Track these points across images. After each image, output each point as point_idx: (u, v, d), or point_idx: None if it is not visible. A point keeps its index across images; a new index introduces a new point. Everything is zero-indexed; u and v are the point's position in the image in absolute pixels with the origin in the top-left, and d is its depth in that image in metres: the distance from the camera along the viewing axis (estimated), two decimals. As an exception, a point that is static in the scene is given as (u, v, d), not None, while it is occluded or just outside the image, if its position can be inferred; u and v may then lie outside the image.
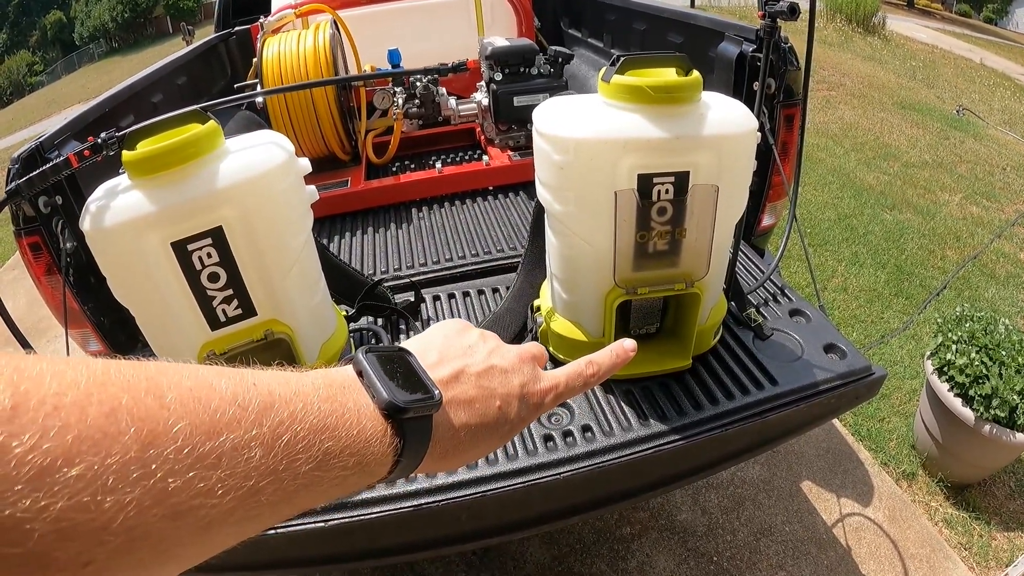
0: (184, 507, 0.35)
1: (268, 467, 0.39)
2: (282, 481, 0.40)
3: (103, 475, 0.31)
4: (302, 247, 1.57)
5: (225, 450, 0.37)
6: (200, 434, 0.36)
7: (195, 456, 0.35)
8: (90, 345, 2.04)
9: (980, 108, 9.00)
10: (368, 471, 0.48)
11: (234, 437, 0.38)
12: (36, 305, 4.41)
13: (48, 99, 28.36)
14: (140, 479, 0.33)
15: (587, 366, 0.68)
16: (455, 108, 3.22)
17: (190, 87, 3.10)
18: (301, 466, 0.42)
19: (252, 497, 0.38)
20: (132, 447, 0.33)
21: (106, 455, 0.32)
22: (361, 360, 0.52)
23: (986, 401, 2.43)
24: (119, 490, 0.32)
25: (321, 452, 0.43)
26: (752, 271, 2.12)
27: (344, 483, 0.46)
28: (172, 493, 0.34)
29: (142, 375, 0.37)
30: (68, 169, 1.54)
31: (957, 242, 4.87)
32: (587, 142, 1.39)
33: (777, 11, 1.66)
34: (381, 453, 0.48)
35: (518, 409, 0.61)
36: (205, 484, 0.36)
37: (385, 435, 0.48)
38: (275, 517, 0.42)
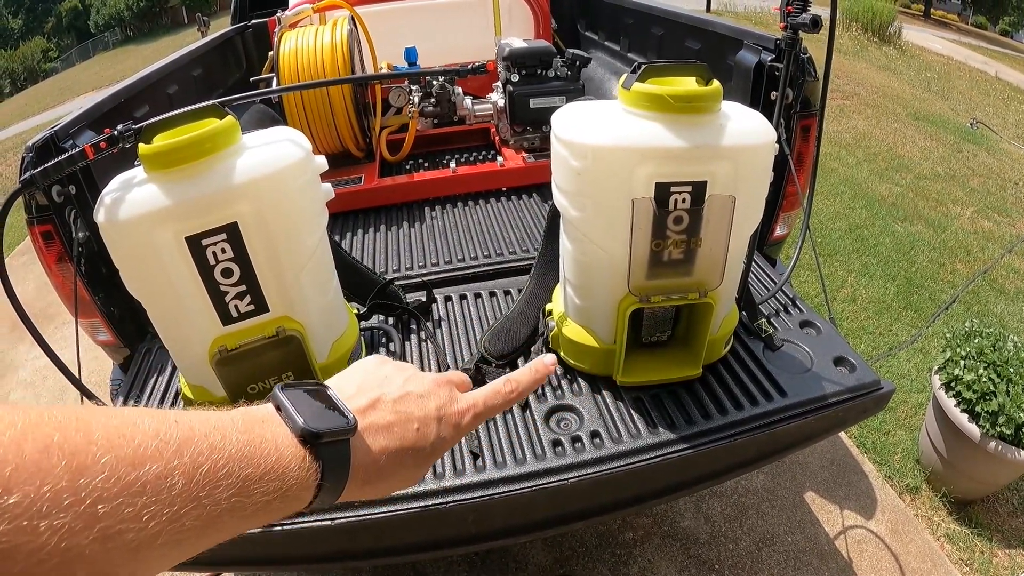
0: (113, 531, 0.38)
1: (190, 494, 0.42)
2: (204, 507, 0.43)
3: (38, 502, 0.35)
4: (316, 245, 1.57)
5: (149, 479, 0.40)
6: (125, 465, 0.39)
7: (121, 485, 0.39)
8: (99, 335, 2.04)
9: (994, 121, 8.97)
10: (291, 496, 0.50)
11: (156, 467, 0.41)
12: (45, 291, 4.43)
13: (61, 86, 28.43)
14: (71, 505, 0.36)
15: (505, 384, 0.71)
16: (471, 108, 3.22)
17: (205, 79, 3.10)
18: (222, 493, 0.44)
19: (176, 522, 0.41)
20: (64, 477, 0.36)
21: (41, 484, 0.35)
22: (278, 394, 0.55)
23: (992, 418, 2.42)
24: (53, 515, 0.35)
25: (241, 479, 0.46)
26: (764, 281, 2.11)
27: (268, 508, 0.48)
28: (101, 518, 0.37)
29: (72, 416, 0.40)
30: (84, 160, 1.54)
31: (968, 256, 4.85)
32: (606, 149, 1.39)
33: (799, 23, 1.66)
34: (301, 479, 0.51)
35: (437, 430, 0.64)
36: (132, 510, 0.39)
37: (304, 461, 0.51)
38: (202, 541, 0.44)
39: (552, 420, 1.62)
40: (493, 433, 1.58)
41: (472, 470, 1.49)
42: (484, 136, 3.47)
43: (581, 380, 1.73)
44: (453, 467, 1.49)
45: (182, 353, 1.59)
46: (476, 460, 1.51)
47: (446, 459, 1.51)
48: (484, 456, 1.51)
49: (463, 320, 2.02)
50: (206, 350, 1.49)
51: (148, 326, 2.04)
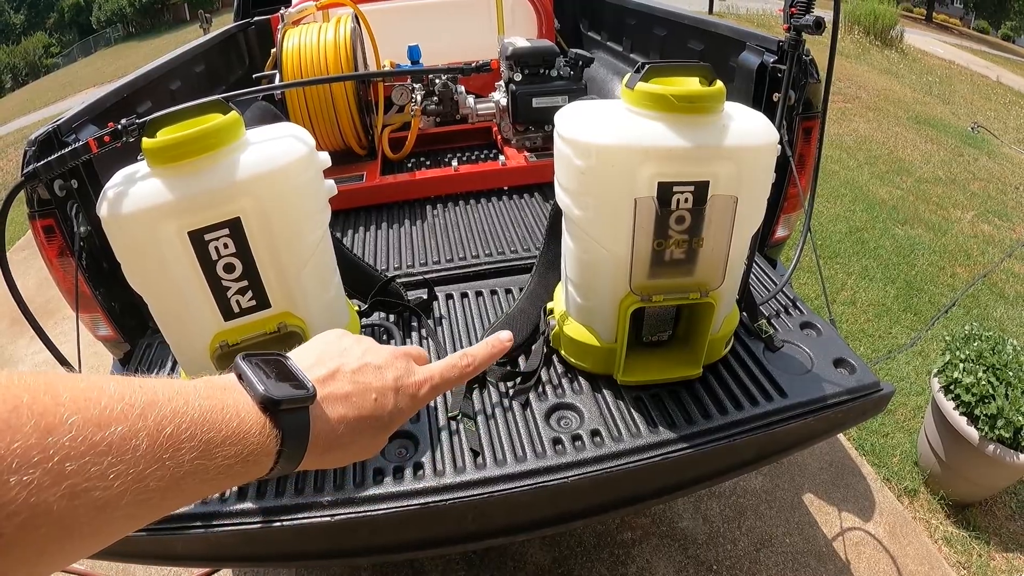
0: (79, 488, 0.39)
1: (154, 455, 0.44)
2: (167, 468, 0.45)
3: (8, 458, 0.36)
4: (319, 241, 1.58)
5: (114, 439, 0.42)
6: (91, 425, 0.41)
7: (87, 444, 0.40)
8: (100, 329, 2.05)
9: (995, 126, 8.97)
10: (252, 461, 0.52)
11: (122, 428, 0.42)
12: (45, 286, 4.43)
13: (63, 81, 28.42)
14: (40, 462, 0.38)
15: (461, 358, 0.73)
16: (473, 107, 3.22)
17: (208, 75, 3.11)
18: (185, 455, 0.46)
19: (140, 482, 0.43)
20: (32, 435, 0.38)
21: (11, 442, 0.37)
22: (240, 363, 0.57)
23: (991, 421, 2.42)
24: (22, 470, 0.37)
25: (203, 443, 0.48)
26: (764, 282, 2.12)
27: (229, 472, 0.50)
28: (68, 475, 0.39)
29: (41, 380, 0.41)
30: (87, 154, 1.54)
31: (968, 260, 4.86)
32: (609, 148, 1.39)
33: (802, 25, 1.67)
34: (261, 444, 0.52)
35: (395, 401, 0.65)
36: (98, 468, 0.40)
37: (264, 427, 0.53)
38: (165, 503, 0.46)
39: (553, 418, 1.62)
40: (493, 431, 1.58)
41: (472, 468, 1.49)
42: (486, 135, 3.47)
43: (582, 379, 1.73)
44: (453, 465, 1.49)
45: (183, 348, 1.60)
46: (476, 458, 1.51)
47: (446, 457, 1.52)
48: (484, 454, 1.52)
49: (464, 318, 2.02)
50: (207, 345, 1.50)
51: (149, 321, 2.05)
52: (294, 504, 1.42)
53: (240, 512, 1.41)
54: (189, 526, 1.40)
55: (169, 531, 1.40)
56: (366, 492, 1.43)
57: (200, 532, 1.40)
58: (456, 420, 1.62)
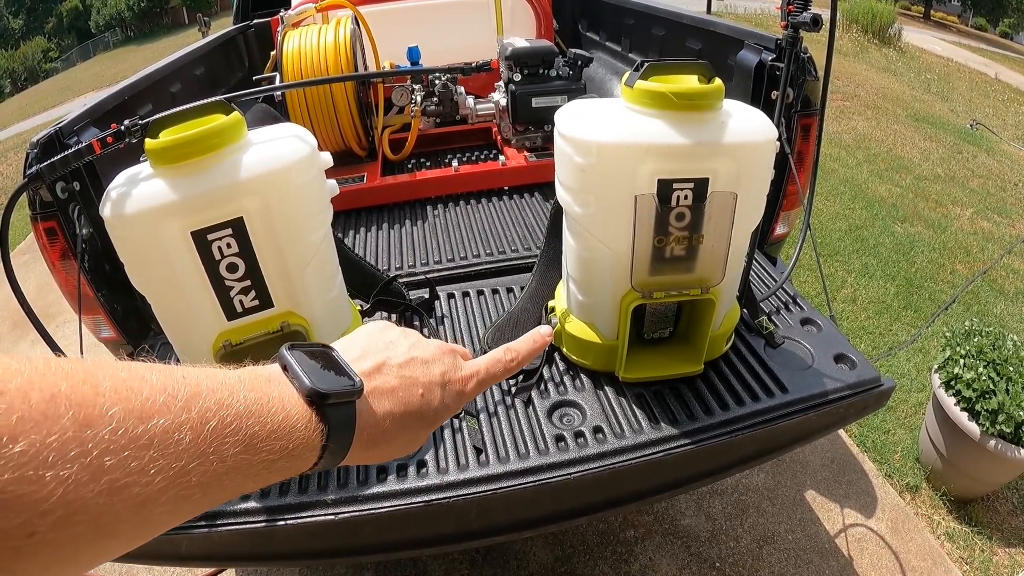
0: (119, 484, 0.38)
1: (197, 449, 0.42)
2: (211, 463, 0.43)
3: (44, 452, 0.34)
4: (321, 241, 1.58)
5: (156, 432, 0.40)
6: (133, 418, 0.39)
7: (128, 437, 0.38)
8: (102, 331, 2.05)
9: (994, 123, 8.98)
10: (295, 456, 0.50)
11: (164, 421, 0.41)
12: (46, 290, 4.43)
13: (62, 85, 28.40)
14: (78, 456, 0.36)
15: (505, 352, 0.72)
16: (473, 107, 3.23)
17: (208, 78, 3.11)
18: (228, 449, 0.45)
19: (182, 477, 0.41)
20: (70, 428, 0.36)
21: (47, 434, 0.35)
22: (285, 355, 0.56)
23: (992, 416, 2.43)
24: (59, 465, 0.35)
25: (247, 436, 0.46)
26: (765, 279, 2.12)
27: (272, 467, 0.49)
28: (108, 470, 0.37)
29: (79, 367, 0.40)
30: (90, 155, 1.55)
31: (967, 256, 4.86)
32: (610, 146, 1.40)
33: (800, 22, 1.67)
34: (307, 439, 0.51)
35: (441, 396, 0.64)
36: (138, 463, 0.39)
37: (310, 421, 0.51)
38: (206, 499, 0.44)
39: (555, 415, 1.62)
40: (496, 428, 1.59)
41: (475, 465, 1.49)
42: (486, 135, 3.48)
43: (584, 376, 1.74)
44: (456, 462, 1.50)
45: (186, 348, 1.60)
46: (479, 455, 1.52)
47: (450, 454, 1.52)
48: (487, 451, 1.52)
49: (466, 317, 2.02)
50: (210, 345, 1.50)
51: (151, 322, 2.05)
52: (298, 503, 1.43)
53: (244, 511, 1.42)
54: (194, 526, 1.40)
55: (173, 531, 1.40)
56: (370, 490, 1.44)
57: (204, 532, 1.40)
58: (459, 418, 1.62)
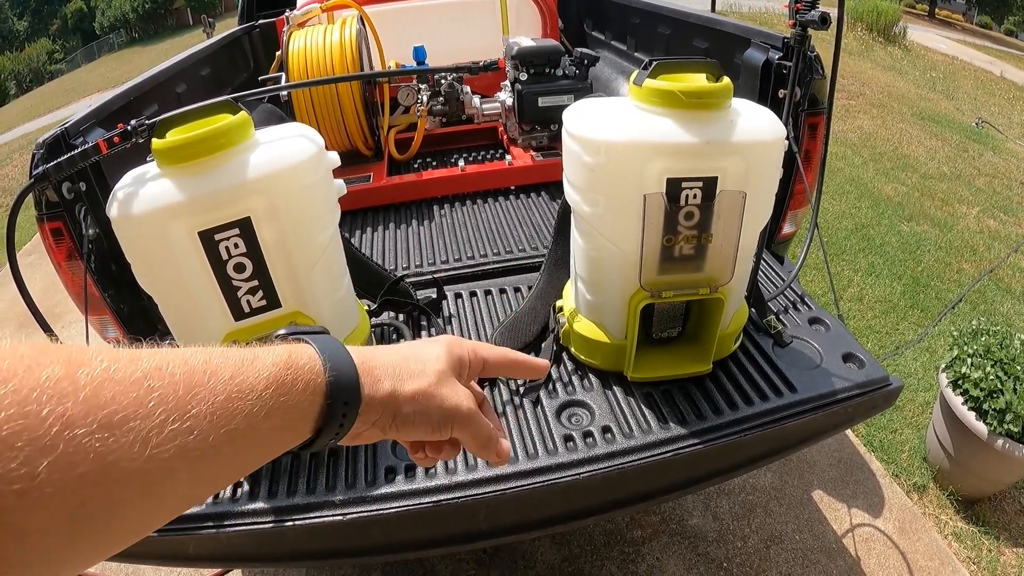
0: (117, 416, 0.38)
1: (190, 380, 0.44)
2: (208, 390, 0.45)
3: (37, 389, 0.35)
4: (329, 240, 1.58)
5: (148, 369, 0.42)
6: (122, 360, 0.41)
7: (121, 373, 0.40)
8: (108, 332, 2.05)
9: (999, 121, 8.96)
10: (295, 403, 0.52)
11: (154, 360, 0.43)
12: (52, 290, 4.43)
13: (67, 87, 28.43)
14: (71, 393, 0.37)
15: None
16: (479, 107, 3.23)
17: (213, 78, 3.12)
18: (219, 384, 0.46)
19: (181, 409, 0.43)
20: (61, 368, 0.37)
21: (38, 374, 0.36)
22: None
23: (1000, 415, 2.42)
24: (53, 402, 0.36)
25: (239, 368, 0.49)
26: (772, 278, 2.12)
27: (275, 405, 0.50)
28: (103, 404, 0.38)
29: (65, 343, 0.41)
30: (97, 155, 1.55)
31: (974, 255, 4.85)
32: (618, 145, 1.39)
33: (808, 20, 1.67)
34: (304, 354, 0.54)
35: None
36: (135, 395, 0.40)
37: (310, 354, 0.55)
38: (216, 438, 0.45)
39: (564, 415, 1.62)
40: (505, 428, 1.58)
41: (484, 465, 1.49)
42: (492, 135, 3.48)
43: (592, 376, 1.73)
44: (465, 462, 1.49)
45: (193, 347, 1.60)
46: None
47: (459, 455, 1.51)
48: None
49: (473, 317, 2.02)
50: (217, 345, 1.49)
51: (158, 322, 2.05)
52: (306, 503, 1.42)
53: (252, 512, 1.42)
54: (201, 526, 1.40)
55: (181, 531, 1.40)
56: (378, 491, 1.43)
57: (212, 532, 1.40)
58: None
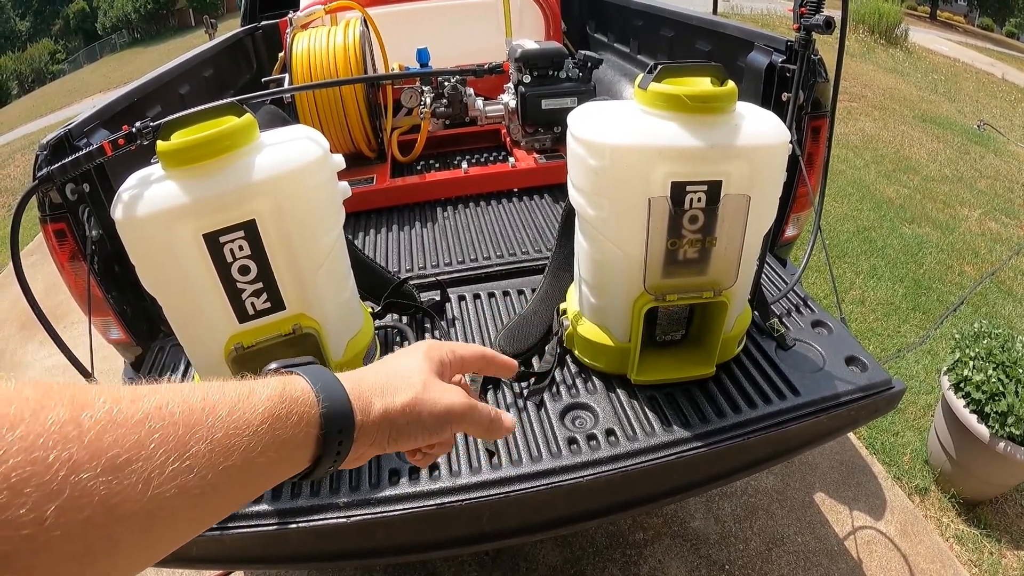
0: (120, 460, 0.39)
1: (189, 421, 0.45)
2: (205, 435, 0.46)
3: (43, 435, 0.36)
4: (333, 243, 1.58)
5: (148, 409, 0.43)
6: (124, 400, 0.42)
7: (123, 415, 0.41)
8: (111, 333, 2.05)
9: (1001, 123, 8.96)
10: (292, 439, 0.54)
11: (155, 399, 0.44)
12: (54, 291, 4.44)
13: (69, 88, 28.44)
14: (76, 437, 0.37)
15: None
16: (482, 109, 3.23)
17: (216, 80, 3.12)
18: (221, 411, 0.48)
19: (182, 448, 0.44)
20: (65, 412, 0.38)
21: (44, 418, 0.37)
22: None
23: (1002, 418, 2.42)
24: (59, 447, 0.36)
25: (237, 397, 0.50)
26: (775, 281, 2.12)
27: (273, 439, 0.51)
28: (106, 448, 0.39)
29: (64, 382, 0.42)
30: (101, 157, 1.54)
31: (975, 258, 4.85)
32: (623, 148, 1.40)
33: (813, 24, 1.67)
34: (301, 392, 0.57)
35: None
36: (136, 438, 0.41)
37: (304, 386, 0.58)
38: (215, 475, 0.46)
39: (567, 418, 1.62)
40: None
41: (487, 468, 1.49)
42: (495, 137, 3.48)
43: (596, 379, 1.74)
44: (469, 465, 1.50)
45: (197, 350, 1.60)
46: (492, 458, 1.51)
47: (462, 457, 1.52)
48: (499, 454, 1.52)
49: (477, 319, 2.02)
50: (222, 347, 1.50)
51: (161, 324, 2.06)
52: (310, 506, 1.43)
53: (256, 514, 1.42)
54: (205, 528, 1.40)
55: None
56: (382, 493, 1.44)
57: (216, 534, 1.40)
58: None
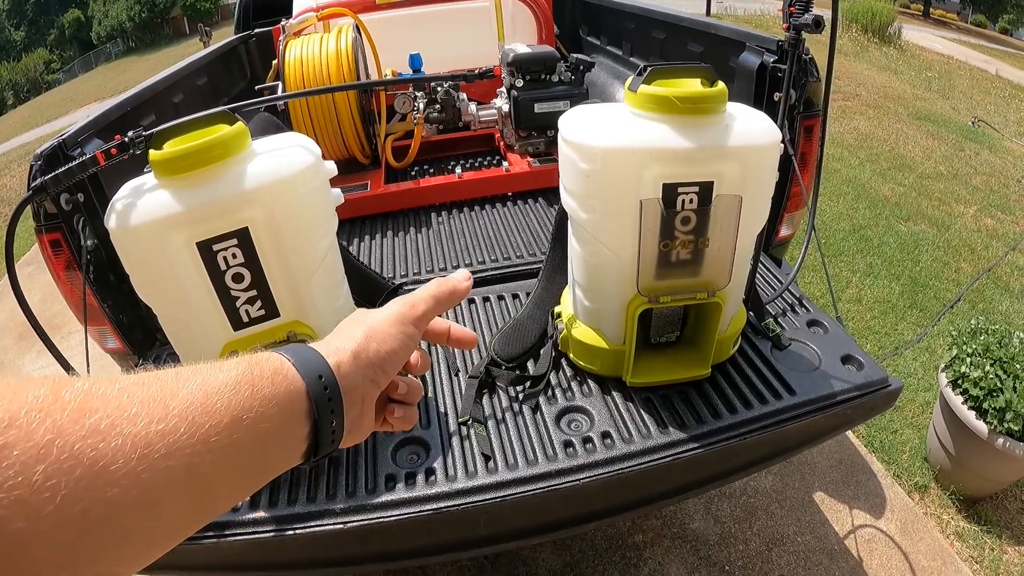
0: (102, 425, 0.39)
1: (161, 399, 0.44)
2: (188, 411, 0.45)
3: (24, 409, 0.36)
4: (327, 250, 1.58)
5: (127, 386, 0.43)
6: (101, 383, 0.42)
7: (97, 395, 0.40)
8: (108, 342, 2.05)
9: (996, 119, 8.97)
10: (285, 411, 0.53)
11: (128, 381, 0.44)
12: (50, 300, 4.44)
13: (65, 97, 28.46)
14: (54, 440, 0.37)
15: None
16: (475, 114, 3.23)
17: (210, 88, 3.12)
18: (192, 390, 0.46)
19: (172, 434, 0.43)
20: (49, 393, 0.38)
21: (21, 403, 0.37)
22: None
23: (1000, 414, 2.42)
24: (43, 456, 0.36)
25: (227, 394, 0.48)
26: (770, 281, 2.12)
27: (262, 429, 0.50)
28: (91, 432, 0.38)
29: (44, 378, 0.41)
30: (95, 167, 1.55)
31: (972, 254, 4.85)
32: (614, 151, 1.40)
33: (802, 24, 1.67)
34: (281, 368, 0.54)
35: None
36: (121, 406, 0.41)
37: (282, 363, 0.55)
38: (208, 466, 0.45)
39: (563, 421, 1.62)
40: (504, 434, 1.59)
41: (484, 472, 1.49)
42: (489, 141, 3.48)
43: (591, 381, 1.74)
44: (465, 469, 1.50)
45: (193, 358, 1.57)
46: (488, 462, 1.51)
47: (458, 462, 1.52)
48: (496, 458, 1.52)
49: (472, 323, 2.02)
50: (217, 355, 1.49)
51: (157, 333, 2.05)
52: (307, 512, 1.43)
53: (253, 521, 1.42)
54: (202, 536, 1.40)
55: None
56: (378, 499, 1.43)
57: (213, 542, 1.40)
58: (467, 425, 1.62)
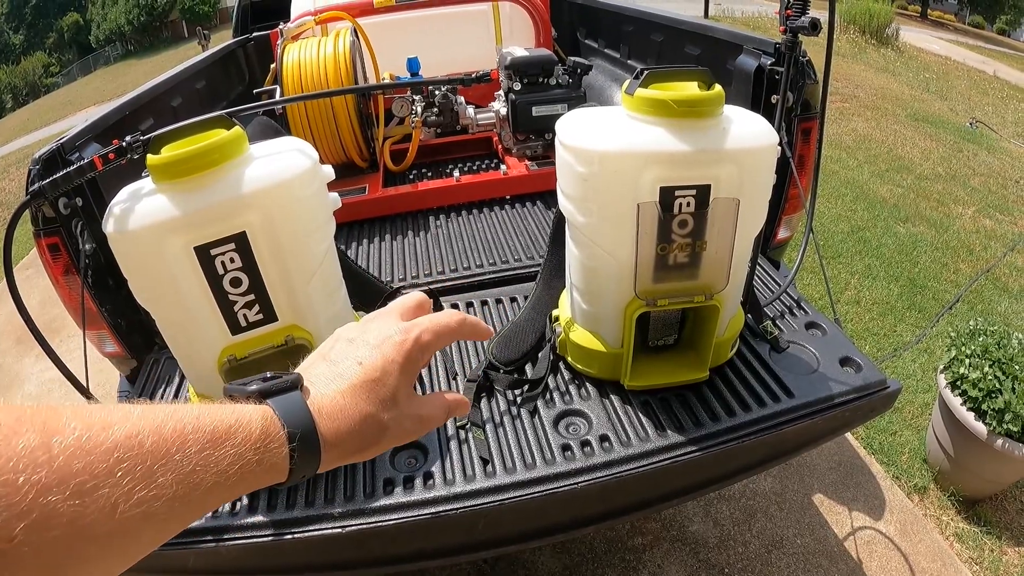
0: (87, 486, 0.40)
1: (160, 450, 0.45)
2: (176, 462, 0.46)
3: (14, 458, 0.37)
4: (324, 254, 1.58)
5: (119, 438, 0.43)
6: (96, 427, 0.42)
7: (92, 443, 0.41)
8: (106, 346, 2.05)
9: (993, 120, 8.98)
10: (263, 449, 0.52)
11: (125, 428, 0.44)
12: (49, 304, 4.44)
13: (64, 100, 28.41)
14: (46, 462, 0.39)
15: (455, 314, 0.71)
16: (473, 117, 3.23)
17: (209, 91, 3.12)
18: (192, 446, 0.47)
19: (149, 478, 0.44)
20: (36, 437, 0.39)
21: (15, 442, 0.38)
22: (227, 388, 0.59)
23: (999, 415, 2.42)
24: (29, 470, 0.38)
25: (208, 433, 0.49)
26: (768, 284, 2.12)
27: (244, 468, 0.50)
28: (75, 474, 0.40)
29: (37, 405, 0.43)
30: (92, 171, 1.54)
31: (970, 255, 4.86)
32: (611, 154, 1.40)
33: (798, 26, 1.68)
34: (265, 428, 0.53)
35: (381, 355, 0.63)
36: (104, 465, 0.41)
37: (264, 415, 0.54)
38: (181, 504, 0.46)
39: (561, 425, 1.62)
40: (502, 438, 1.59)
41: (482, 476, 1.49)
42: (487, 145, 3.48)
43: (589, 385, 1.74)
44: (463, 473, 1.50)
45: (191, 363, 1.60)
46: (486, 466, 1.51)
47: (456, 466, 1.52)
48: (494, 462, 1.52)
49: None
50: (215, 359, 1.50)
51: (155, 337, 2.05)
52: (305, 516, 1.43)
53: (251, 525, 1.42)
54: (200, 540, 1.40)
55: (181, 545, 1.40)
56: (377, 503, 1.43)
57: (211, 546, 1.40)
58: (465, 429, 1.62)
